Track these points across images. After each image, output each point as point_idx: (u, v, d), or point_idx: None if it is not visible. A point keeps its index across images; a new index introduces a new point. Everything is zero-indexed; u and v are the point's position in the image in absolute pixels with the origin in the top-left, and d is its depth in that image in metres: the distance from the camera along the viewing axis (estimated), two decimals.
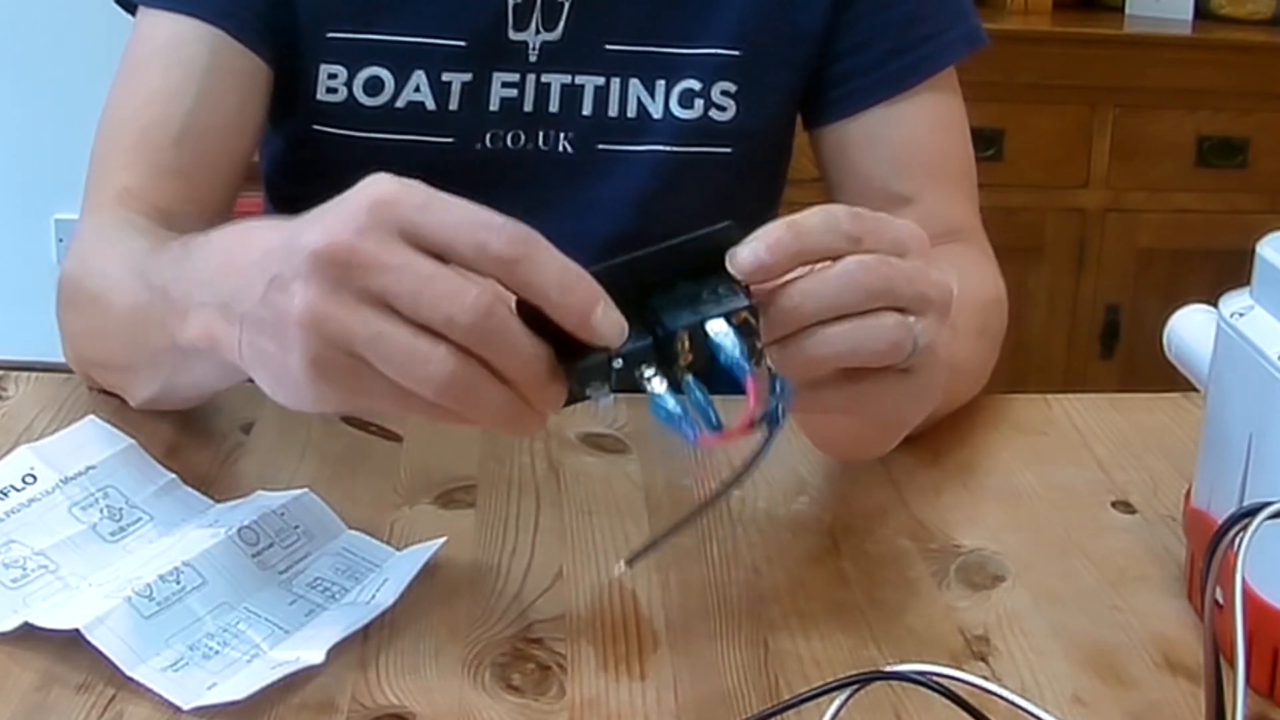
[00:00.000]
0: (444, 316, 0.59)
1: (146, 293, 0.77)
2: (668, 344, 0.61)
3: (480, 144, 1.02)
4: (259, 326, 0.64)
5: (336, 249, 0.60)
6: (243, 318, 0.65)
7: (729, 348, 0.61)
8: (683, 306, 0.62)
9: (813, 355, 0.64)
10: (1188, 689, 0.66)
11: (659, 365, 0.61)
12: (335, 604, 0.70)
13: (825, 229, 0.64)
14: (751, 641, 0.69)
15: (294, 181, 1.10)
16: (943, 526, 0.80)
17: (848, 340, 0.64)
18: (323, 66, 1.00)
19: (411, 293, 0.59)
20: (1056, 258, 2.52)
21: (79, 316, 0.89)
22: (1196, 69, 2.48)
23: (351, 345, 0.60)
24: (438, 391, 0.60)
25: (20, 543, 0.71)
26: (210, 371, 0.75)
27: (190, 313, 0.70)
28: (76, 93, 1.69)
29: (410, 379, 0.60)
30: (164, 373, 0.80)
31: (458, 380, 0.60)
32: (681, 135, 1.02)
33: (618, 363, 0.61)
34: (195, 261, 0.73)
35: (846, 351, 0.64)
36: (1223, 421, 0.69)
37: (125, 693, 0.63)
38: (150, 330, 0.76)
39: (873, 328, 0.64)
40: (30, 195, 2.82)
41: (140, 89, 0.98)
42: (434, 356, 0.60)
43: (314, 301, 0.60)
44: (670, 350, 0.62)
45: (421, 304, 0.59)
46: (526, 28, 1.00)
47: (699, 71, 1.02)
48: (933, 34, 1.03)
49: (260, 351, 0.64)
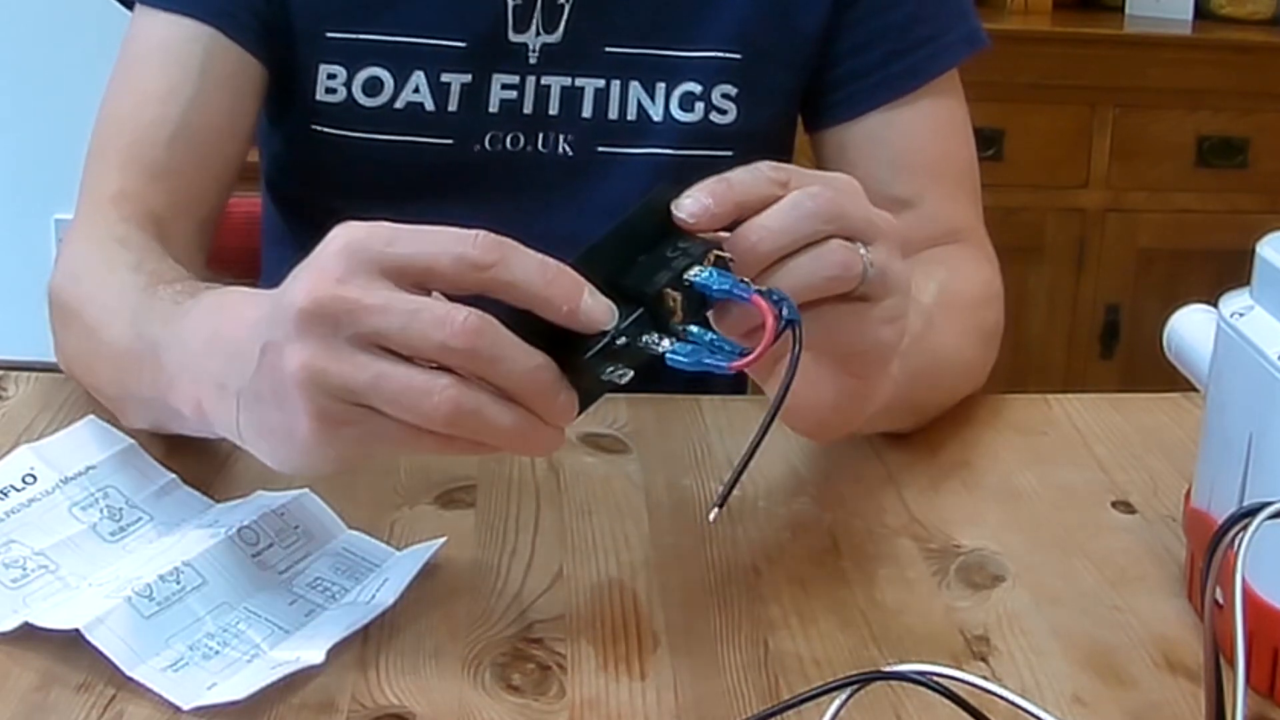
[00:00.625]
0: (437, 344, 0.59)
1: (139, 342, 0.77)
2: (659, 306, 0.62)
3: (479, 145, 1.02)
4: (258, 398, 0.64)
5: (320, 302, 0.60)
6: (239, 393, 0.65)
7: (717, 282, 0.62)
8: (656, 271, 0.62)
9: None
10: (1188, 689, 0.66)
11: (659, 329, 0.62)
12: (335, 604, 0.70)
13: (753, 178, 0.65)
14: (751, 641, 0.69)
15: (294, 181, 1.10)
16: (943, 526, 0.80)
17: (801, 272, 0.64)
18: (322, 66, 1.00)
19: (401, 328, 0.59)
20: (1056, 258, 2.52)
21: (71, 337, 0.88)
22: (1196, 69, 2.47)
23: (353, 394, 0.60)
24: (447, 422, 0.60)
25: (20, 543, 0.71)
26: (201, 429, 0.74)
27: (178, 384, 0.71)
28: (76, 92, 1.69)
29: (417, 415, 0.60)
30: (153, 416, 0.79)
31: (463, 407, 0.60)
32: (682, 138, 1.02)
33: (621, 340, 0.61)
34: (184, 329, 0.73)
35: (801, 283, 0.64)
36: (1223, 421, 0.69)
37: (125, 693, 0.63)
38: (143, 378, 0.76)
39: (821, 253, 0.64)
40: (30, 195, 2.82)
41: (135, 89, 0.98)
42: (435, 388, 0.59)
43: (308, 359, 0.60)
44: (663, 311, 0.62)
45: (412, 336, 0.59)
46: (527, 29, 1.00)
47: (699, 74, 1.02)
48: (933, 36, 1.03)
49: (262, 423, 0.65)
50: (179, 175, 0.96)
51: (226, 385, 0.66)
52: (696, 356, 0.61)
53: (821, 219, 0.64)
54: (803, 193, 0.65)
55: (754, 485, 0.83)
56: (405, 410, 0.60)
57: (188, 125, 0.96)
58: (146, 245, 0.88)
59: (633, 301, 0.62)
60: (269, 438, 0.65)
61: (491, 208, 1.03)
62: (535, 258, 0.61)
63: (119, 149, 0.96)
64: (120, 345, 0.79)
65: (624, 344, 0.61)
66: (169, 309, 0.76)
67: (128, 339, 0.78)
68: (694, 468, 0.84)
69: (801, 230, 0.64)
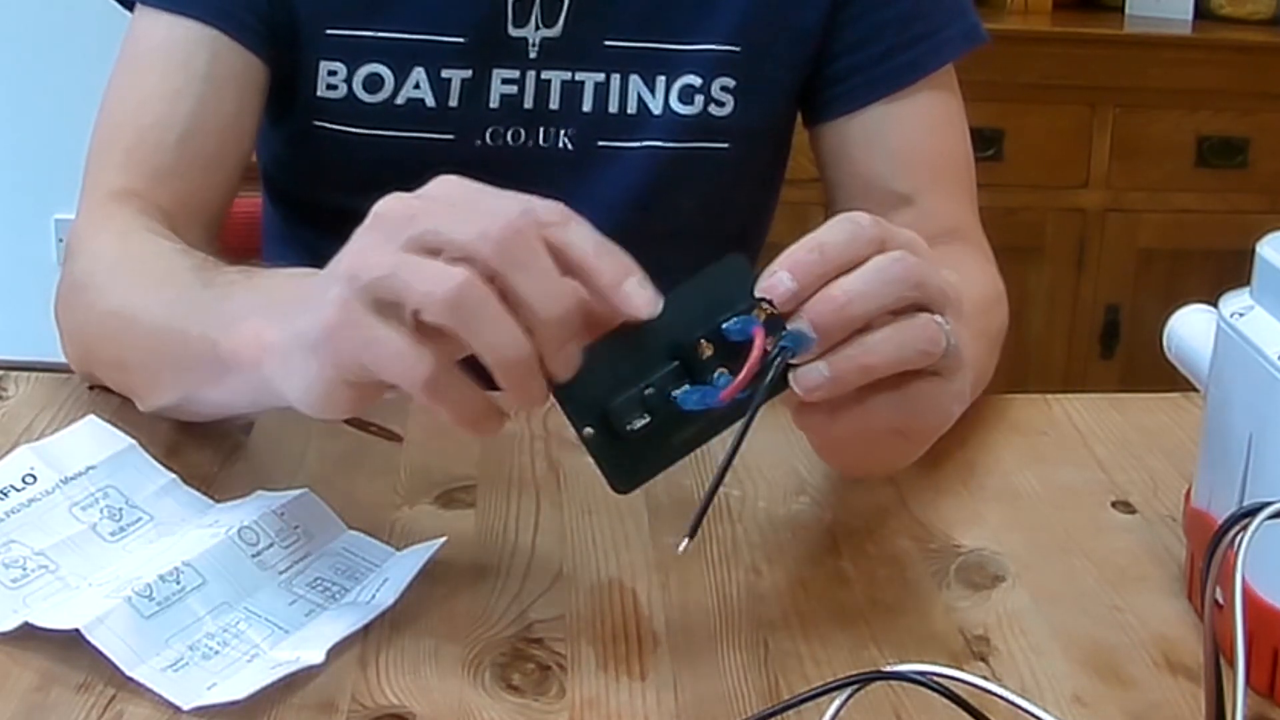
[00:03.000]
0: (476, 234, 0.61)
1: (186, 305, 0.78)
2: (694, 357, 0.62)
3: (480, 141, 1.02)
4: (304, 302, 0.66)
5: (388, 204, 0.63)
6: (295, 314, 0.67)
7: (741, 324, 0.62)
8: (699, 325, 0.63)
9: (865, 364, 0.63)
10: (1188, 689, 0.66)
11: (689, 379, 0.63)
12: (335, 604, 0.70)
13: (849, 239, 0.64)
14: (751, 641, 0.69)
15: (293, 178, 1.10)
16: (943, 526, 0.80)
17: (893, 342, 0.64)
18: (322, 63, 1.00)
19: (449, 225, 0.61)
20: (1056, 258, 2.52)
21: (92, 316, 0.88)
22: (1196, 69, 2.47)
23: (382, 284, 0.62)
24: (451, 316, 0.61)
25: (20, 543, 0.71)
26: (239, 389, 0.75)
27: (241, 325, 0.72)
28: (76, 93, 1.69)
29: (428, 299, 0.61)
30: (189, 383, 0.80)
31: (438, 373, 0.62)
32: (680, 131, 1.03)
33: (649, 391, 0.62)
34: (264, 282, 0.76)
35: (895, 354, 0.64)
36: (1223, 421, 0.69)
37: (125, 693, 0.63)
38: (187, 341, 0.77)
39: (912, 327, 0.64)
40: (30, 195, 2.82)
41: (138, 89, 0.98)
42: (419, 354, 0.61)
43: (359, 247, 0.63)
44: (697, 363, 0.62)
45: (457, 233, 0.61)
46: (526, 24, 1.01)
47: (699, 67, 1.02)
48: (931, 31, 1.03)
49: (298, 333, 0.66)
50: (186, 177, 0.96)
51: (290, 314, 0.68)
52: (700, 395, 0.62)
53: (908, 285, 0.64)
54: (887, 257, 0.64)
55: (754, 485, 0.83)
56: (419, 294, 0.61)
57: (194, 126, 0.96)
58: (178, 240, 0.89)
59: (672, 358, 0.63)
60: (298, 352, 0.66)
61: None
62: (594, 233, 0.62)
63: (125, 149, 0.96)
64: (161, 312, 0.80)
65: (650, 394, 0.62)
66: (237, 276, 0.78)
67: (172, 306, 0.80)
68: (694, 468, 0.84)
69: (888, 297, 0.63)
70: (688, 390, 0.62)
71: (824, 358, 0.63)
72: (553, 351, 0.61)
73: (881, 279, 0.63)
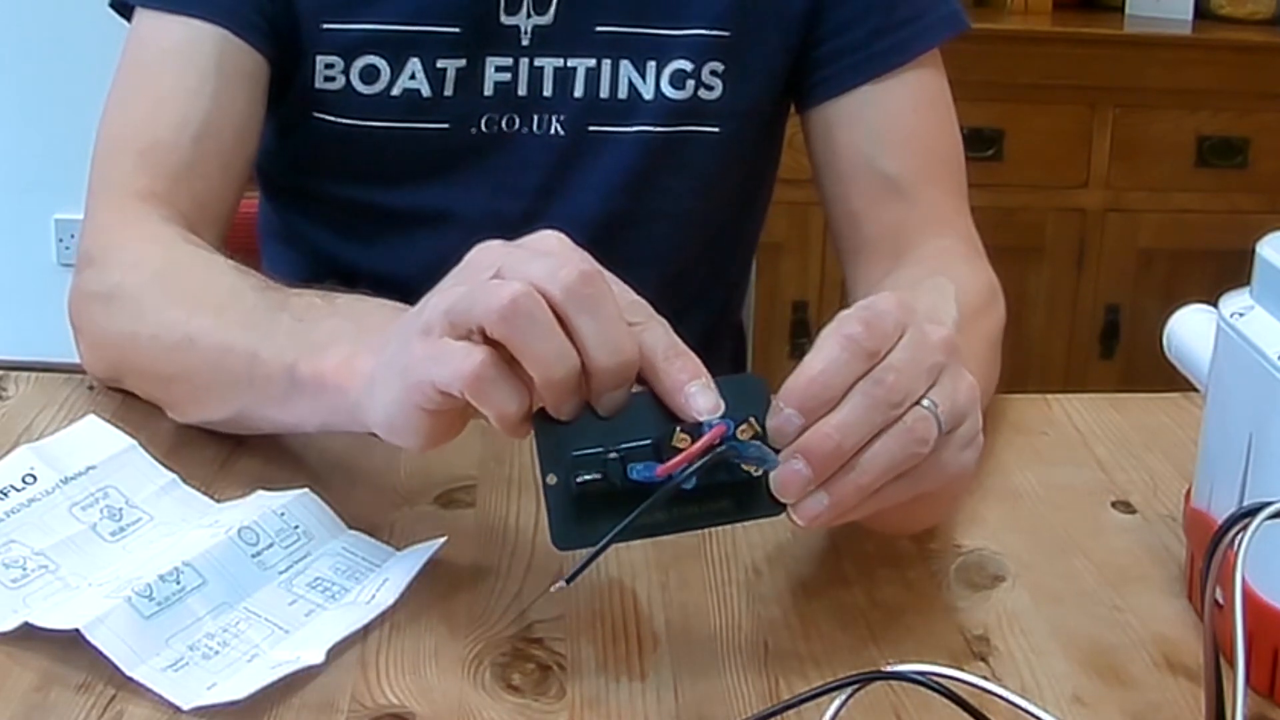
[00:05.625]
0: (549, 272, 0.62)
1: (256, 326, 0.79)
2: (668, 446, 0.63)
3: (475, 128, 1.03)
4: (402, 335, 0.67)
5: (440, 299, 0.65)
6: (384, 362, 0.68)
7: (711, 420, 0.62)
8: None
9: (861, 485, 0.64)
10: (1188, 689, 0.66)
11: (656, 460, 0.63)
12: (335, 604, 0.70)
13: (847, 365, 0.64)
14: (751, 641, 0.69)
15: (290, 171, 1.10)
16: (943, 526, 0.80)
17: (884, 458, 0.64)
18: (319, 57, 1.01)
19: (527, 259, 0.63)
20: (1056, 258, 2.53)
21: (127, 329, 0.87)
22: (1196, 69, 2.48)
23: (461, 314, 0.63)
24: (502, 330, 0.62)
25: (20, 543, 0.72)
26: (309, 410, 0.76)
27: (328, 349, 0.74)
28: (76, 93, 1.69)
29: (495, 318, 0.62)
30: (248, 403, 0.80)
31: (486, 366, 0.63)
32: (671, 115, 1.03)
33: (611, 456, 0.62)
34: (360, 309, 0.78)
35: (888, 466, 0.64)
36: (1223, 421, 0.69)
37: (125, 693, 0.63)
38: (256, 362, 0.78)
39: (899, 434, 0.64)
40: (30, 195, 2.83)
41: (150, 91, 0.98)
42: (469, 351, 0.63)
43: (451, 287, 0.65)
44: (665, 446, 0.63)
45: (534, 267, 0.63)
46: (518, 12, 1.01)
47: (689, 52, 1.03)
48: (915, 16, 1.05)
49: (389, 360, 0.68)
50: (203, 176, 0.96)
51: (380, 342, 0.70)
52: (644, 466, 0.62)
53: (893, 405, 0.64)
54: (870, 381, 0.64)
55: None
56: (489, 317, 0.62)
57: (209, 126, 0.96)
58: (218, 251, 0.90)
59: (649, 437, 0.63)
60: (384, 379, 0.68)
61: (484, 189, 1.04)
62: (670, 334, 0.64)
63: (139, 151, 0.96)
64: (224, 338, 0.81)
65: (613, 459, 0.63)
66: (318, 300, 0.80)
67: (239, 329, 0.80)
68: None
69: (876, 420, 0.63)
70: (645, 464, 0.63)
71: (823, 487, 0.63)
72: (600, 393, 0.63)
73: (866, 406, 0.63)
